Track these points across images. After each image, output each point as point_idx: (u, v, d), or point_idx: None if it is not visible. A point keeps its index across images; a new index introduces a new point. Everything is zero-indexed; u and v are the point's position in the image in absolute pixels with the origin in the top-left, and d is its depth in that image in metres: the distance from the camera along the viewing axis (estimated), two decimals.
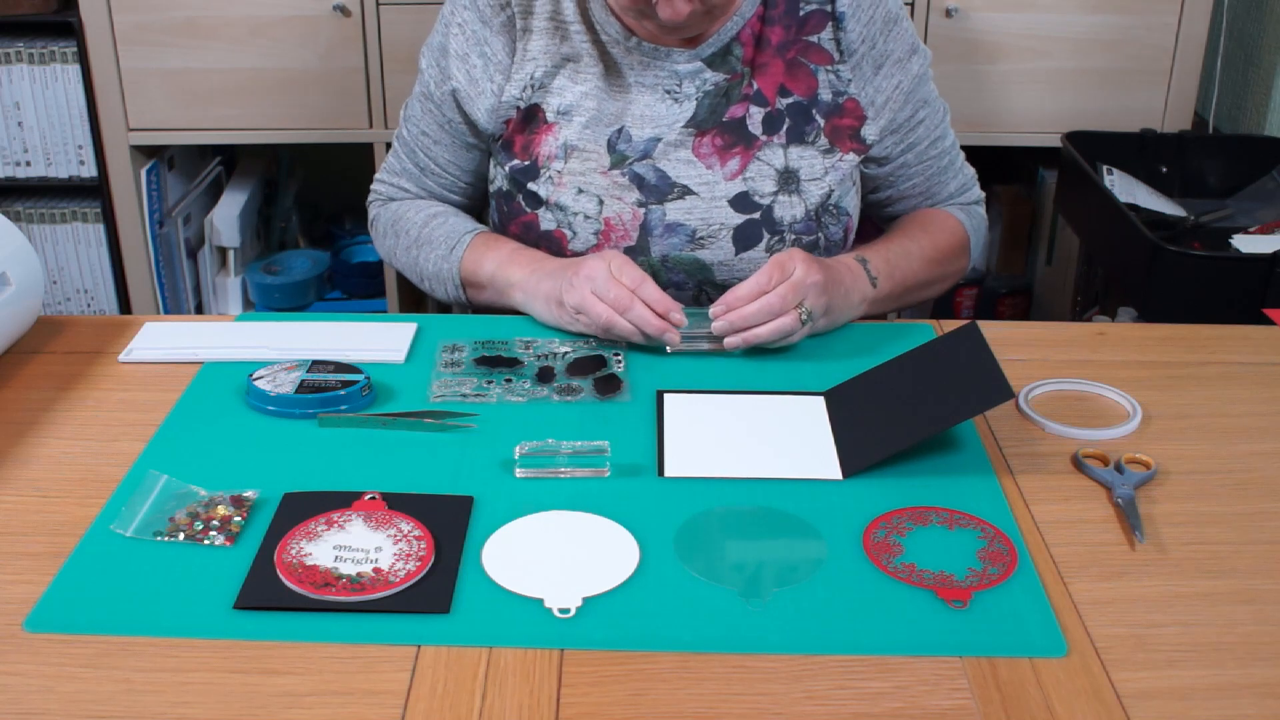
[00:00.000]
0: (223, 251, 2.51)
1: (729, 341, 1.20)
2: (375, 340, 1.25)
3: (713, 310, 1.21)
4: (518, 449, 1.04)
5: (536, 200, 1.35)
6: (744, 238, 1.33)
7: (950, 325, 1.26)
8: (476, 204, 1.50)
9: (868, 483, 1.03)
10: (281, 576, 0.90)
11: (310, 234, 2.72)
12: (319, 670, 0.83)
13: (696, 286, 1.37)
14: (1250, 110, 2.36)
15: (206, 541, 0.95)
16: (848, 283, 1.27)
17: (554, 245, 1.35)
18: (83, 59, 2.25)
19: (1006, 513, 1.00)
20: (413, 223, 1.42)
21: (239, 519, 0.97)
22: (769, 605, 0.89)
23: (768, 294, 1.19)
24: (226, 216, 2.45)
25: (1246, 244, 1.87)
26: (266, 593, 0.89)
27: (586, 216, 1.33)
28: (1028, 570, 0.93)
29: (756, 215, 1.33)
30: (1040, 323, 1.36)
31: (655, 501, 1.00)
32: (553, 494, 1.01)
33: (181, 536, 0.95)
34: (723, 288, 1.36)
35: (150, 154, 2.36)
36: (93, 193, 2.38)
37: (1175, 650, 0.85)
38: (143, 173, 2.32)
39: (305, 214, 2.71)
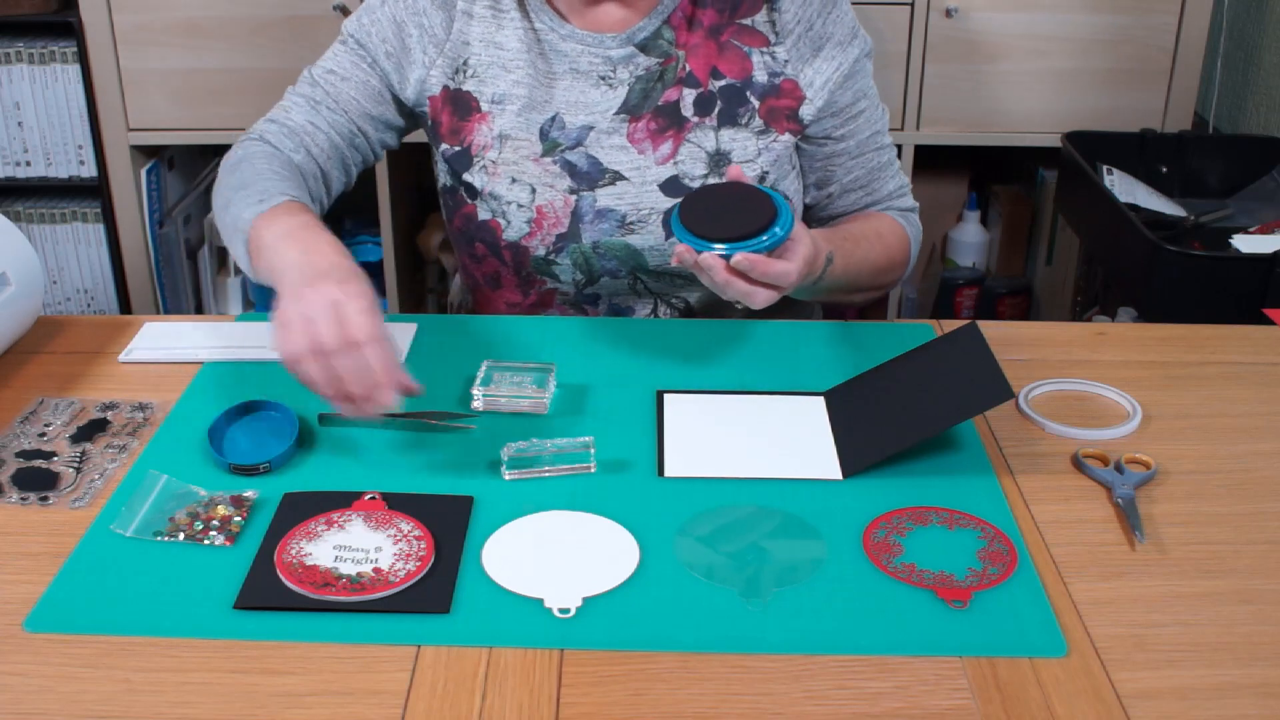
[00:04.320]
0: (223, 251, 2.51)
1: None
2: None
3: (741, 260, 1.08)
4: (505, 451, 1.04)
5: (473, 191, 1.35)
6: None
7: (950, 325, 1.26)
8: (352, 167, 1.37)
9: (868, 483, 1.03)
10: (281, 576, 0.90)
11: None
12: (319, 670, 0.83)
13: (630, 274, 1.36)
14: (1250, 110, 2.36)
15: (206, 541, 0.95)
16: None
17: (489, 235, 1.35)
18: (83, 59, 2.25)
19: (1006, 513, 1.00)
20: (254, 168, 1.24)
21: (239, 519, 0.97)
22: (769, 605, 0.89)
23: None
24: None
25: (1246, 244, 1.87)
26: (266, 593, 0.89)
27: (519, 205, 1.33)
28: (1028, 570, 0.93)
29: None
30: (1040, 323, 1.36)
31: (655, 501, 1.00)
32: (553, 494, 1.01)
33: (181, 536, 0.96)
34: (655, 274, 1.36)
35: (150, 154, 2.36)
36: (93, 193, 2.38)
37: (1175, 650, 0.85)
38: (143, 173, 2.32)
39: None
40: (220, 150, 2.58)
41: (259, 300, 2.50)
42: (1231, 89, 2.43)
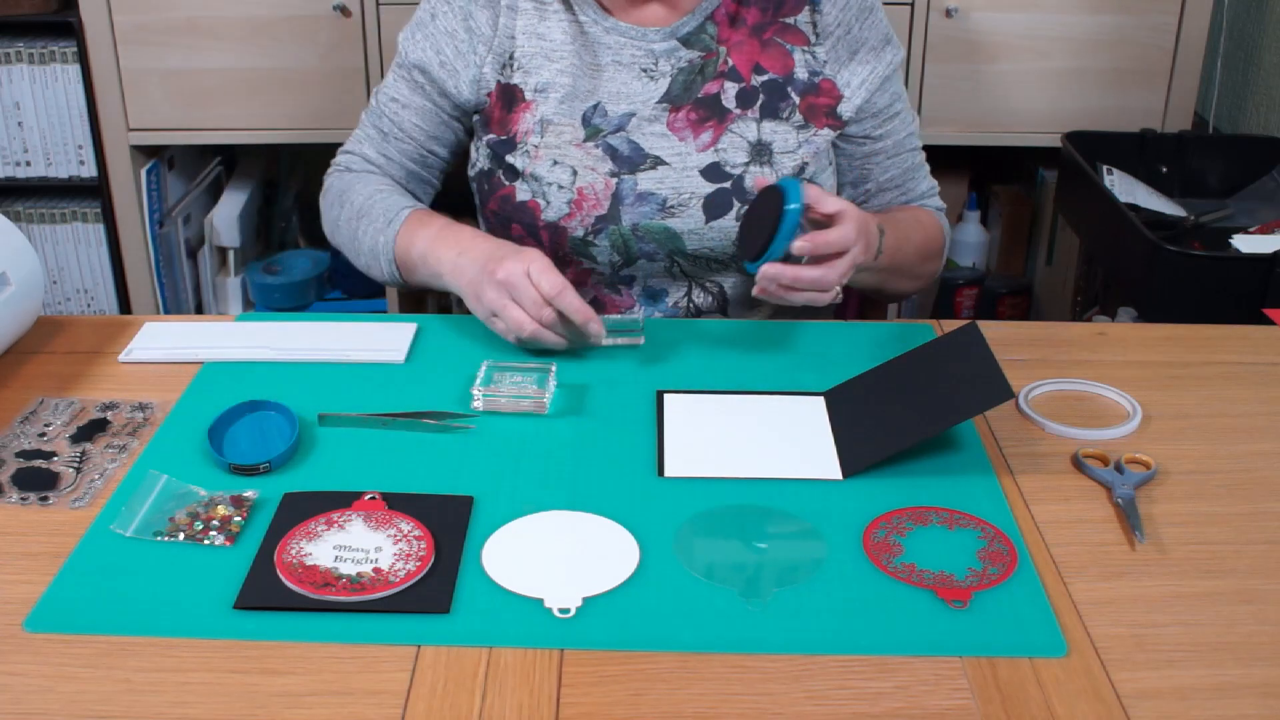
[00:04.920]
0: (223, 251, 2.51)
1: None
2: (375, 340, 1.25)
3: (799, 246, 1.17)
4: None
5: (514, 172, 1.36)
6: (714, 207, 1.35)
7: (950, 325, 1.26)
8: (433, 180, 1.48)
9: (868, 483, 1.03)
10: (281, 576, 0.90)
11: (310, 234, 2.72)
12: (319, 670, 0.83)
13: (667, 256, 1.38)
14: (1250, 110, 2.36)
15: (206, 541, 0.95)
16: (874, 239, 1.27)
17: (528, 215, 1.36)
18: (83, 59, 2.25)
19: (1006, 513, 1.00)
20: (359, 194, 1.39)
21: (239, 519, 0.97)
22: (769, 605, 0.89)
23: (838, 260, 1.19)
24: (226, 216, 2.45)
25: (1246, 244, 1.87)
26: (266, 593, 0.89)
27: (560, 186, 1.34)
28: (1028, 570, 0.93)
29: (727, 185, 1.35)
30: (1040, 323, 1.36)
31: (655, 501, 1.00)
32: (553, 494, 1.01)
33: (181, 536, 0.95)
34: (693, 258, 1.37)
35: (150, 154, 2.36)
36: (93, 193, 2.38)
37: (1175, 650, 0.85)
38: (143, 173, 2.32)
39: (305, 214, 2.71)
40: (220, 150, 2.59)
41: (259, 300, 2.50)
42: (1231, 89, 2.43)
